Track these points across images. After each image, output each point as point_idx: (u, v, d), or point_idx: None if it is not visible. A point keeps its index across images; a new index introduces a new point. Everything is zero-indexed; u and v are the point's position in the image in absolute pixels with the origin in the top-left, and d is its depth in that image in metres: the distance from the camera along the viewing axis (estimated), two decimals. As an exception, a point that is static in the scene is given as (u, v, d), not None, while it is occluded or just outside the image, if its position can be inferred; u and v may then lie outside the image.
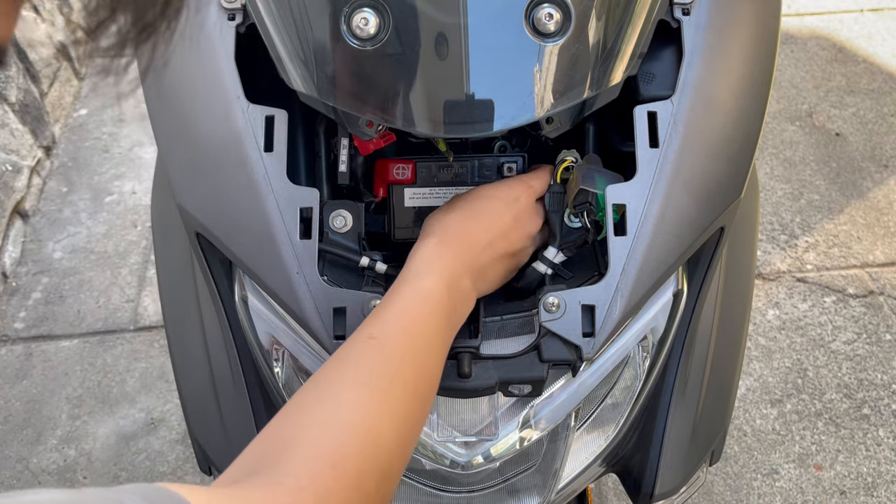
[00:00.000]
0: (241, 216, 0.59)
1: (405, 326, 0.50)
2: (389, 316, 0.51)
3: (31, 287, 1.84)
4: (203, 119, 0.61)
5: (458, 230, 0.59)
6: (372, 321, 0.51)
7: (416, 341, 0.50)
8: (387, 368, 0.47)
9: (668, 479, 0.69)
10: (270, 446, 0.42)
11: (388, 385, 0.46)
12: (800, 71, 2.40)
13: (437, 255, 0.57)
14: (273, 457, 0.41)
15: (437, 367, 0.52)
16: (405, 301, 0.52)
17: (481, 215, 0.61)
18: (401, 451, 0.46)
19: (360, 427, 0.43)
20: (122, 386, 1.65)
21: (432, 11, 0.53)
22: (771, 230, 1.95)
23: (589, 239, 0.62)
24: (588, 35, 0.55)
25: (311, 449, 0.41)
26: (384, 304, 0.53)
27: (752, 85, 0.63)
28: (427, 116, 0.55)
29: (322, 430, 0.42)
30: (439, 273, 0.55)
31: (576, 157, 0.65)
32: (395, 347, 0.49)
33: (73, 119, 2.27)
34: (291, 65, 0.58)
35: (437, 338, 0.52)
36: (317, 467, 0.40)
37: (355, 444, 0.42)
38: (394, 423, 0.45)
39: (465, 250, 0.58)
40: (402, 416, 0.46)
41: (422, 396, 0.49)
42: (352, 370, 0.47)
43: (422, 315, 0.52)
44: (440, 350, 0.53)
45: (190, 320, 0.71)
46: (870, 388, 1.64)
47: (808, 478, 1.51)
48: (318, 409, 0.44)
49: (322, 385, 0.46)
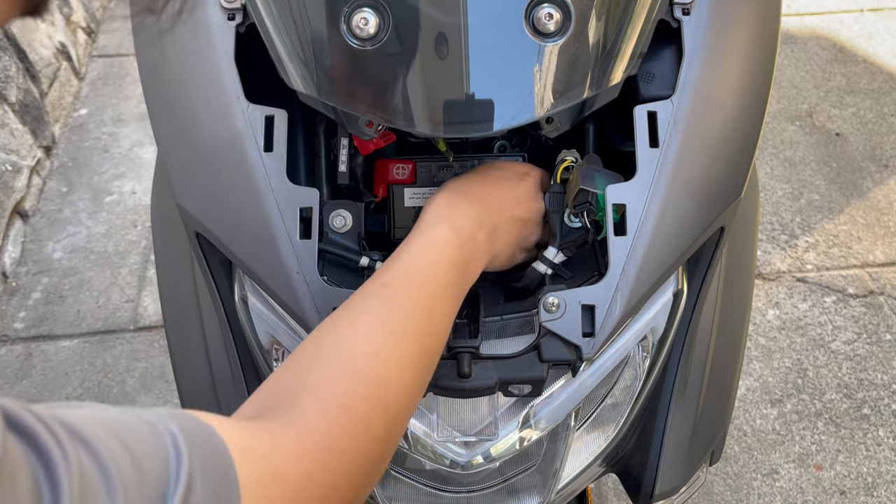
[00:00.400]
0: (241, 216, 0.59)
1: (417, 276, 0.51)
2: (402, 265, 0.52)
3: (31, 287, 1.84)
4: (203, 119, 0.61)
5: (473, 188, 0.60)
6: (385, 270, 0.52)
7: (426, 291, 0.51)
8: (398, 316, 0.48)
9: (668, 479, 0.69)
10: (286, 386, 0.43)
11: (398, 332, 0.47)
12: (800, 71, 2.40)
13: (450, 206, 0.57)
14: (288, 397, 0.42)
15: (447, 320, 0.52)
16: (417, 251, 0.53)
17: (495, 180, 0.62)
18: (409, 397, 0.47)
19: (371, 372, 0.44)
20: (122, 386, 1.65)
21: (432, 11, 0.53)
22: (771, 230, 1.95)
23: (589, 239, 0.62)
24: (588, 35, 0.55)
25: (323, 392, 0.42)
26: (398, 252, 0.54)
27: (752, 85, 0.63)
28: (427, 116, 0.55)
29: (334, 374, 0.43)
30: (452, 223, 0.55)
31: (576, 157, 0.65)
32: (407, 297, 0.49)
33: (73, 119, 2.27)
34: (291, 65, 0.58)
35: (448, 289, 0.53)
36: (327, 410, 0.41)
37: (365, 388, 0.43)
38: (402, 370, 0.46)
39: (479, 205, 0.59)
40: (411, 364, 0.47)
41: (431, 347, 0.50)
42: (364, 316, 0.48)
43: (433, 265, 0.52)
44: (451, 301, 0.53)
45: (190, 320, 0.71)
46: (870, 388, 1.64)
47: (808, 478, 1.51)
48: (332, 353, 0.45)
49: (336, 329, 0.47)
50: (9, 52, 1.97)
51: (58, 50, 2.24)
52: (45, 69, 2.14)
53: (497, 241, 0.60)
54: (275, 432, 0.38)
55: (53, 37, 2.22)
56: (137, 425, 0.29)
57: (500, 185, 0.62)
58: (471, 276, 0.56)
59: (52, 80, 2.18)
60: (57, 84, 2.21)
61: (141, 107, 2.28)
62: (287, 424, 0.39)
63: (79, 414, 0.27)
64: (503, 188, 0.62)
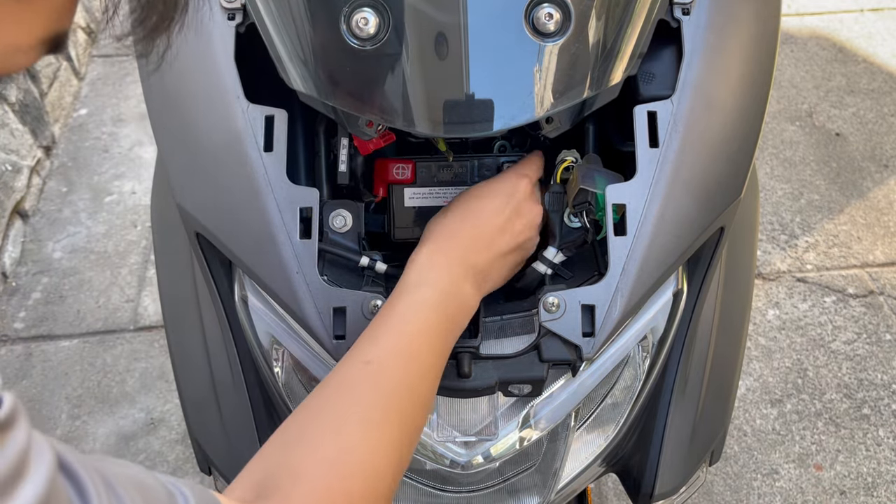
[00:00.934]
0: (241, 216, 0.59)
1: (401, 349, 0.51)
2: (386, 336, 0.52)
3: (30, 287, 1.84)
4: (203, 119, 0.61)
5: (453, 235, 0.59)
6: (369, 341, 0.52)
7: (411, 366, 0.51)
8: (381, 399, 0.49)
9: (668, 479, 0.69)
10: (279, 472, 0.45)
11: (383, 418, 0.48)
12: (800, 71, 2.40)
13: (430, 264, 0.56)
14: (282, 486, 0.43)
15: (431, 386, 0.53)
16: (401, 317, 0.53)
17: (478, 215, 0.60)
18: (395, 478, 0.48)
19: (363, 468, 0.46)
20: (121, 386, 1.65)
21: (432, 11, 0.53)
22: (771, 230, 1.95)
23: (589, 239, 0.62)
24: (588, 35, 0.55)
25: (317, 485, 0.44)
26: (381, 319, 0.53)
27: (752, 85, 0.63)
28: (427, 116, 0.55)
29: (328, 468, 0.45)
30: (433, 283, 0.55)
31: (576, 156, 0.65)
32: (391, 375, 0.50)
33: (73, 119, 2.27)
34: (291, 64, 0.58)
35: (432, 354, 0.53)
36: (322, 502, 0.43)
37: (359, 485, 0.45)
38: (389, 455, 0.47)
39: (461, 254, 0.58)
40: (397, 447, 0.48)
41: (415, 424, 0.51)
42: (350, 402, 0.48)
43: (415, 334, 0.52)
44: (435, 366, 0.53)
45: (190, 320, 0.71)
46: (870, 388, 1.64)
47: (808, 478, 1.51)
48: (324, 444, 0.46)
49: (324, 415, 0.48)
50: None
51: (58, 50, 2.24)
52: (45, 69, 2.14)
53: (487, 281, 0.59)
54: None
55: (53, 37, 2.22)
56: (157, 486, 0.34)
57: (482, 218, 0.60)
58: (457, 331, 0.56)
59: (52, 80, 2.18)
60: (57, 84, 2.21)
61: (141, 107, 2.28)
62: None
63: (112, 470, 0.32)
64: (486, 222, 0.59)
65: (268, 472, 0.45)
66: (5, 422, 0.27)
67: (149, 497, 0.32)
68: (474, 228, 0.59)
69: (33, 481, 0.27)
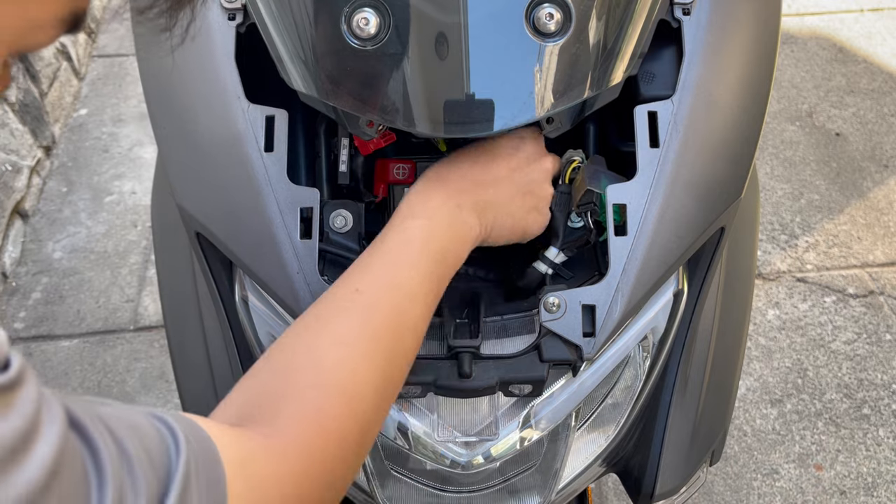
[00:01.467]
0: (242, 216, 0.59)
1: (390, 279, 0.51)
2: (374, 266, 0.52)
3: (30, 287, 1.84)
4: (203, 119, 0.61)
5: (452, 171, 0.58)
6: (357, 271, 0.52)
7: (400, 294, 0.50)
8: (368, 327, 0.48)
9: (668, 479, 0.69)
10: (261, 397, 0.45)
11: (369, 344, 0.48)
12: (800, 71, 2.40)
13: (425, 195, 0.56)
14: (263, 409, 0.44)
15: (423, 317, 0.52)
16: (389, 249, 0.53)
17: (482, 158, 0.60)
18: (381, 407, 0.48)
19: (343, 390, 0.45)
20: (122, 386, 1.65)
21: (432, 11, 0.52)
22: (771, 230, 1.95)
23: (591, 239, 0.62)
24: (588, 35, 0.55)
25: (298, 409, 0.44)
26: (371, 251, 0.53)
27: (752, 85, 0.63)
28: (427, 116, 0.55)
29: (307, 391, 0.45)
30: (424, 215, 0.54)
31: (582, 157, 0.65)
32: (379, 303, 0.49)
33: (73, 119, 2.27)
34: (291, 65, 0.58)
35: (424, 285, 0.52)
36: (303, 427, 0.43)
37: (338, 407, 0.45)
38: (374, 382, 0.47)
39: (458, 187, 0.57)
40: (383, 375, 0.48)
41: (403, 351, 0.50)
42: (336, 326, 0.48)
43: (407, 263, 0.52)
44: (428, 297, 0.52)
45: (190, 320, 0.71)
46: (870, 388, 1.64)
47: (808, 478, 1.51)
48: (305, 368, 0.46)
49: (307, 338, 0.48)
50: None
51: (58, 50, 2.24)
52: (45, 69, 2.14)
53: (487, 217, 0.58)
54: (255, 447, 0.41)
55: (53, 37, 2.22)
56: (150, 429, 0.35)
57: (488, 161, 0.59)
58: (452, 265, 0.55)
59: (52, 80, 2.18)
60: (57, 84, 2.21)
61: (141, 107, 2.28)
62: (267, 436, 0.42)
63: (112, 418, 0.33)
64: (492, 161, 0.59)
65: (253, 397, 0.45)
66: (16, 380, 0.27)
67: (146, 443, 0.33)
68: (476, 168, 0.59)
69: (47, 439, 0.27)
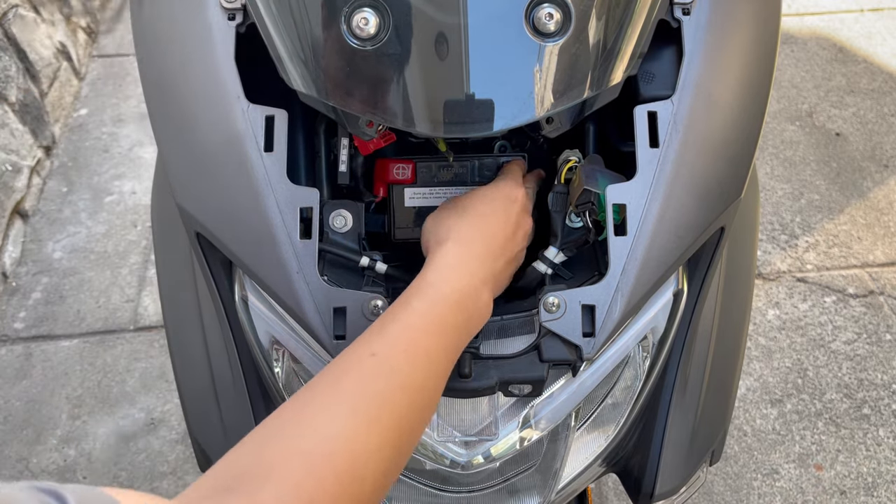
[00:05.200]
0: (241, 216, 0.59)
1: (408, 346, 0.48)
2: (395, 331, 0.49)
3: (31, 287, 1.84)
4: (203, 119, 0.61)
5: (474, 235, 0.57)
6: (377, 333, 0.49)
7: (417, 363, 0.48)
8: (379, 394, 0.45)
9: (668, 479, 0.69)
10: (250, 466, 0.41)
11: (378, 413, 0.44)
12: (800, 71, 2.40)
13: (454, 263, 0.54)
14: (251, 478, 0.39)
15: (436, 388, 0.50)
16: (414, 314, 0.50)
17: (491, 218, 0.59)
18: (383, 483, 0.44)
19: (343, 464, 0.41)
20: (122, 386, 1.65)
21: (432, 11, 0.52)
22: (771, 230, 1.95)
23: (590, 239, 0.62)
24: (588, 35, 0.55)
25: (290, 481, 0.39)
26: (393, 312, 0.51)
27: (752, 85, 0.63)
28: (427, 116, 0.55)
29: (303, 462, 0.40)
30: (454, 283, 0.53)
31: (578, 156, 0.65)
32: (394, 371, 0.46)
33: (73, 119, 2.27)
34: (291, 64, 0.58)
35: (442, 355, 0.50)
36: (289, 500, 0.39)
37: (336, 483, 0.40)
38: (379, 455, 0.43)
39: (482, 258, 0.56)
40: (389, 447, 0.44)
41: (414, 423, 0.47)
42: (345, 393, 0.45)
43: (429, 333, 0.49)
44: (443, 368, 0.50)
45: (190, 320, 0.71)
46: (870, 388, 1.64)
47: (809, 478, 1.51)
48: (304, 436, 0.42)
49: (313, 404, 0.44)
50: (9, 51, 1.97)
51: (58, 50, 2.24)
52: (45, 69, 2.14)
53: (498, 287, 0.58)
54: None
55: (53, 37, 2.22)
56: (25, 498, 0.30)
57: (496, 221, 0.59)
58: (470, 333, 0.54)
59: (52, 80, 2.18)
60: (57, 84, 2.21)
61: (141, 107, 2.28)
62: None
63: None
64: (500, 225, 0.59)
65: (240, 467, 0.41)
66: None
67: None
68: (489, 234, 0.58)
69: None
